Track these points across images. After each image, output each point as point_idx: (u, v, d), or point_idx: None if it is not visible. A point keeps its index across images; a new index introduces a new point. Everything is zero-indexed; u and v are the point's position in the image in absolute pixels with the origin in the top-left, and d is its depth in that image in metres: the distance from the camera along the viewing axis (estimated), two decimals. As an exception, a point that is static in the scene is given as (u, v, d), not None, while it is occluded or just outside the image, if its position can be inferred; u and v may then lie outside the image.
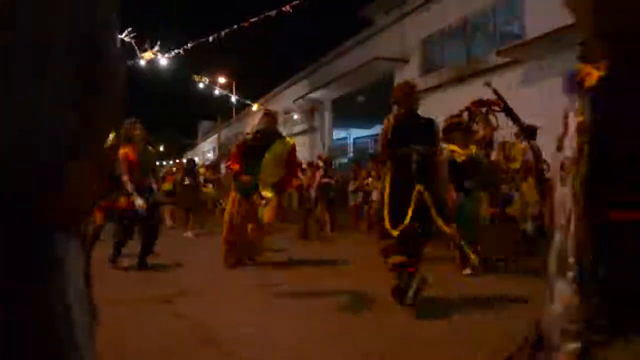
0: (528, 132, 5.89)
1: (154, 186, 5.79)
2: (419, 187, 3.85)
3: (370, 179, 10.22)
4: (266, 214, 5.83)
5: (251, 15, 10.05)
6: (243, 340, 3.13)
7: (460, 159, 5.31)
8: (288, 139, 6.19)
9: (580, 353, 1.25)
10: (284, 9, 9.43)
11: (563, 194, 1.34)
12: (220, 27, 10.41)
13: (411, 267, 3.78)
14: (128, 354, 2.88)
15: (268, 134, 5.81)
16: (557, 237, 1.35)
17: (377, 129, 20.77)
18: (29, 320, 0.95)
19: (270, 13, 9.53)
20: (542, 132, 6.06)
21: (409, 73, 16.35)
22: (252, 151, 5.66)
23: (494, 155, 6.53)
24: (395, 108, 4.27)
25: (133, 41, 10.46)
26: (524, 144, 6.28)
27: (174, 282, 5.00)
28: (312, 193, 10.27)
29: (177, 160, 24.25)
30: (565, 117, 1.40)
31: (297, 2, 9.56)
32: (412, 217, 3.76)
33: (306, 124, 24.02)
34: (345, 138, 23.67)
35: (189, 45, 10.51)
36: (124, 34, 10.06)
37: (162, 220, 7.53)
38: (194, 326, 3.50)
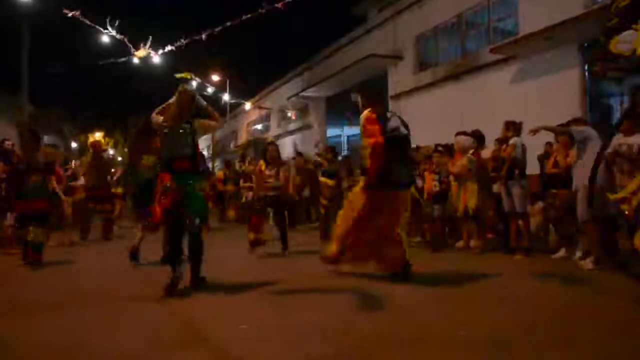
0: None
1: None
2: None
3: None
4: None
5: (244, 13, 9.97)
6: (236, 338, 3.12)
7: None
8: None
9: None
10: (277, 5, 9.36)
11: None
12: (213, 25, 10.31)
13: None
14: (121, 353, 2.85)
15: None
16: None
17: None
18: None
19: (262, 10, 9.45)
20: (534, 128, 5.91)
21: (403, 70, 16.34)
22: None
23: None
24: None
25: (126, 38, 10.36)
26: None
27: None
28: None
29: None
30: None
31: (290, -1, 9.51)
32: None
33: (300, 121, 23.98)
34: (339, 136, 23.62)
35: (182, 42, 10.41)
36: (116, 32, 9.97)
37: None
38: (187, 324, 3.48)
